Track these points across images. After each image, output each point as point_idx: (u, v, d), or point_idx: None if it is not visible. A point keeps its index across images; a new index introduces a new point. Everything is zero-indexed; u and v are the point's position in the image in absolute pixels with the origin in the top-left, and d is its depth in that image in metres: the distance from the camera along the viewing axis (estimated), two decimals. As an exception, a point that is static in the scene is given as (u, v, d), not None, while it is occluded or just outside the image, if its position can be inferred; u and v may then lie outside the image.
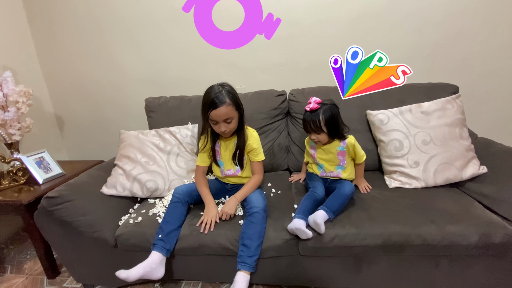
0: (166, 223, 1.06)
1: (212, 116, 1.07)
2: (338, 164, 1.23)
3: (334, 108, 1.16)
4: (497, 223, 0.97)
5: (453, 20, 1.51)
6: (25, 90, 1.49)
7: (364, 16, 1.55)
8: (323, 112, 1.14)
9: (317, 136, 1.17)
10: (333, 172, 1.23)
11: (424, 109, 1.27)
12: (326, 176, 1.25)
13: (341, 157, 1.22)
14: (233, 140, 1.20)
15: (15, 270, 1.45)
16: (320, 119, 1.13)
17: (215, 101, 1.05)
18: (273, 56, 1.68)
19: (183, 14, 1.64)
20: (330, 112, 1.14)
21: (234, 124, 1.12)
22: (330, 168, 1.24)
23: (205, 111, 1.08)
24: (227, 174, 1.24)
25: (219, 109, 1.05)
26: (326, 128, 1.14)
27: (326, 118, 1.13)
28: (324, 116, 1.13)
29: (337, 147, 1.21)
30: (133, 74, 1.82)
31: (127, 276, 0.94)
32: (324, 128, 1.14)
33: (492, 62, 1.56)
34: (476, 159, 1.22)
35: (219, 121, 1.08)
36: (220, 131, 1.11)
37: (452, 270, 1.01)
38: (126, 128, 1.47)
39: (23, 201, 1.23)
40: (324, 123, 1.13)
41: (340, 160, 1.22)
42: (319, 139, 1.18)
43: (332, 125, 1.15)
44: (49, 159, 1.50)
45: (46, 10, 1.75)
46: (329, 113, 1.14)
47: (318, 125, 1.14)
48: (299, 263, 1.08)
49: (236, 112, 1.11)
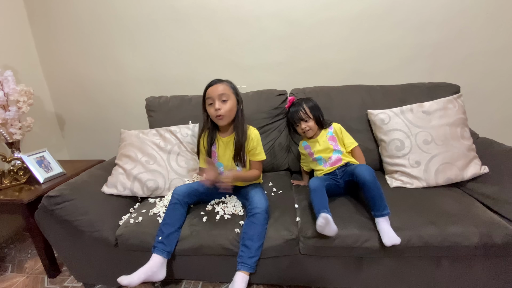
0: (166, 225, 1.06)
1: (209, 93, 1.10)
2: (333, 150, 1.26)
3: (311, 99, 1.32)
4: (499, 224, 0.96)
5: (454, 20, 1.51)
6: (26, 89, 1.49)
7: (365, 16, 1.55)
8: (305, 101, 1.30)
9: (307, 124, 1.27)
10: (332, 158, 1.24)
11: (426, 109, 1.26)
12: (330, 166, 1.24)
13: (333, 142, 1.27)
14: (232, 139, 1.19)
15: (16, 269, 1.45)
16: (304, 107, 1.28)
17: (213, 80, 1.13)
18: (274, 56, 1.68)
19: (183, 14, 1.64)
20: (310, 101, 1.30)
21: (229, 106, 1.11)
22: (328, 155, 1.26)
23: (204, 96, 1.11)
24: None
25: (216, 85, 1.10)
26: (312, 113, 1.27)
27: (310, 106, 1.28)
28: (306, 104, 1.29)
29: (326, 133, 1.30)
30: (133, 73, 1.82)
31: (129, 282, 0.94)
32: (310, 114, 1.27)
33: (493, 62, 1.56)
34: (477, 159, 1.21)
35: (215, 98, 1.09)
36: (215, 110, 1.10)
37: (453, 270, 1.00)
38: (127, 128, 1.47)
39: (24, 200, 1.23)
40: (309, 110, 1.27)
41: (333, 145, 1.26)
42: (310, 126, 1.27)
43: (316, 111, 1.29)
44: (49, 158, 1.50)
45: (47, 9, 1.75)
46: (310, 102, 1.30)
47: (304, 111, 1.27)
48: (299, 263, 1.08)
49: (233, 95, 1.13)
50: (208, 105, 1.12)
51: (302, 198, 1.22)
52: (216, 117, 1.12)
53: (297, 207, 1.17)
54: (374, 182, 1.01)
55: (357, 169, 1.07)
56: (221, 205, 1.18)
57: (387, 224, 0.96)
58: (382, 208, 0.98)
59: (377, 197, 0.99)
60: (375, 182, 1.01)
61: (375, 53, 1.61)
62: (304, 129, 1.27)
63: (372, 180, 1.01)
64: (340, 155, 1.25)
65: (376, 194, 1.00)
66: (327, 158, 1.25)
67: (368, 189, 1.01)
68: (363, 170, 1.05)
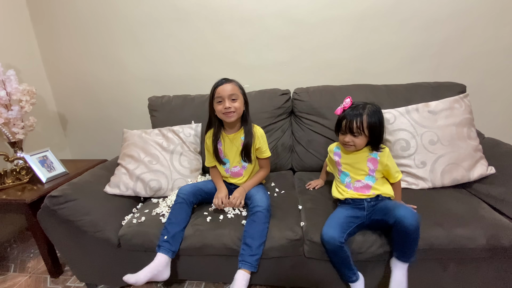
0: (172, 224, 1.05)
1: (219, 91, 1.10)
2: (367, 174, 1.03)
3: (380, 112, 1.01)
4: (506, 225, 0.95)
5: (459, 19, 1.49)
6: (28, 89, 1.49)
7: (369, 15, 1.53)
8: (369, 112, 0.98)
9: (353, 139, 1.00)
10: (361, 182, 1.03)
11: (431, 109, 1.24)
12: (353, 191, 1.03)
13: (372, 165, 1.02)
14: (239, 136, 1.20)
15: (19, 268, 1.45)
16: (363, 119, 0.98)
17: (222, 80, 1.13)
18: (277, 55, 1.66)
19: (186, 13, 1.64)
20: (377, 116, 0.99)
21: (239, 105, 1.12)
22: (357, 176, 1.04)
23: (212, 95, 1.12)
24: (233, 171, 1.23)
25: (225, 85, 1.11)
26: (368, 131, 0.98)
27: (370, 122, 0.97)
28: (369, 117, 0.98)
29: (368, 152, 1.04)
30: (136, 73, 1.82)
31: (136, 280, 0.94)
32: (366, 130, 0.98)
33: (499, 61, 1.54)
34: (484, 160, 1.20)
35: (225, 97, 1.10)
36: (225, 108, 1.10)
37: (459, 273, 0.99)
38: (129, 127, 1.46)
39: (26, 200, 1.22)
40: (367, 125, 0.97)
41: (370, 169, 1.02)
42: (355, 143, 1.00)
43: (375, 130, 0.99)
44: (52, 158, 1.50)
45: (49, 8, 1.75)
46: (375, 116, 0.98)
47: (359, 125, 0.98)
48: (303, 264, 1.06)
49: (241, 96, 1.14)
50: (217, 103, 1.12)
51: (306, 198, 1.21)
52: (224, 114, 1.12)
53: (301, 208, 1.16)
54: (416, 232, 0.84)
55: (399, 212, 0.85)
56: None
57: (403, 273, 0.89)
58: (410, 254, 0.88)
59: (412, 245, 0.87)
60: (417, 232, 0.85)
61: (379, 52, 1.59)
62: (347, 142, 1.02)
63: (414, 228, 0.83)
64: (372, 183, 1.02)
65: (413, 244, 0.86)
66: (354, 180, 1.04)
67: (406, 237, 0.85)
68: (408, 217, 0.83)
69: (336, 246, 0.90)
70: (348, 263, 0.93)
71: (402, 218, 0.83)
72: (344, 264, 0.94)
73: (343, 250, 0.91)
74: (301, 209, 1.16)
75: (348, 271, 0.95)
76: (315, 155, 1.47)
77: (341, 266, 0.95)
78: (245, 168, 1.22)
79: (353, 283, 0.95)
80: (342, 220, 0.96)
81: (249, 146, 1.17)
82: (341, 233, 0.91)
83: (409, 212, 0.85)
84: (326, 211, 1.09)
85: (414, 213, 0.86)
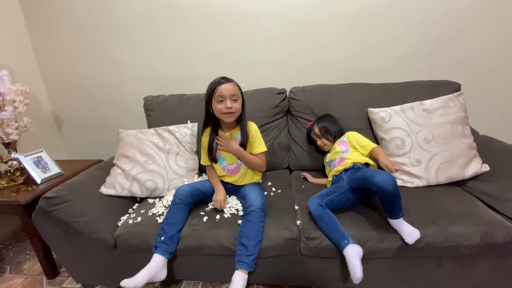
0: (169, 225, 1.04)
1: (221, 90, 1.09)
2: (342, 152, 1.25)
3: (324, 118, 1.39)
4: (500, 223, 0.96)
5: (454, 17, 1.50)
6: (22, 89, 1.47)
7: (364, 13, 1.53)
8: (317, 122, 1.39)
9: (321, 140, 1.35)
10: (339, 157, 1.23)
11: (426, 107, 1.25)
12: (336, 167, 1.19)
13: (343, 146, 1.27)
14: (235, 133, 1.21)
15: (14, 270, 1.44)
16: (314, 128, 1.38)
17: (222, 79, 1.12)
18: (273, 54, 1.66)
19: (181, 11, 1.63)
20: (323, 121, 1.37)
21: (238, 106, 1.14)
22: (336, 156, 1.26)
23: (211, 93, 1.11)
24: (230, 169, 1.23)
25: (227, 84, 1.10)
26: (321, 133, 1.35)
27: (320, 127, 1.36)
28: (317, 124, 1.37)
29: (338, 141, 1.31)
30: (131, 72, 1.80)
31: (134, 284, 0.92)
32: (319, 133, 1.35)
33: (493, 60, 1.55)
34: (478, 158, 1.21)
35: (226, 96, 1.10)
36: (226, 108, 1.10)
37: (454, 270, 1.00)
38: (125, 127, 1.45)
39: (21, 201, 1.21)
40: (319, 130, 1.35)
41: (343, 148, 1.26)
42: (323, 142, 1.35)
43: (326, 131, 1.34)
44: (47, 159, 1.49)
45: (43, 7, 1.73)
46: (322, 121, 1.37)
47: (314, 132, 1.37)
48: (300, 263, 1.07)
49: (240, 96, 1.15)
50: (218, 102, 1.12)
51: (302, 197, 1.21)
52: (225, 114, 1.12)
53: (297, 208, 1.16)
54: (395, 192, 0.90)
55: (377, 178, 0.92)
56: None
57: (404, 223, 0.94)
58: (398, 211, 0.94)
59: (397, 203, 0.92)
60: (396, 192, 0.91)
61: (375, 51, 1.60)
62: (320, 145, 1.36)
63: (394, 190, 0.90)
64: (345, 155, 1.22)
65: (397, 202, 0.92)
66: (334, 160, 1.25)
67: (390, 199, 0.91)
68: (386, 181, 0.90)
69: (318, 209, 1.02)
70: (335, 226, 0.97)
71: (381, 184, 0.91)
72: (331, 227, 0.98)
73: (326, 213, 1.00)
74: (298, 208, 1.16)
75: (337, 234, 0.96)
76: (312, 154, 1.47)
77: (330, 231, 0.98)
78: (241, 166, 1.23)
79: (345, 247, 0.93)
80: (323, 192, 1.10)
81: (246, 143, 1.18)
82: (321, 199, 1.05)
83: (386, 177, 0.91)
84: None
85: (390, 177, 0.92)
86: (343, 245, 0.94)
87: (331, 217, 1.00)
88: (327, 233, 0.99)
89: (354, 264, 0.90)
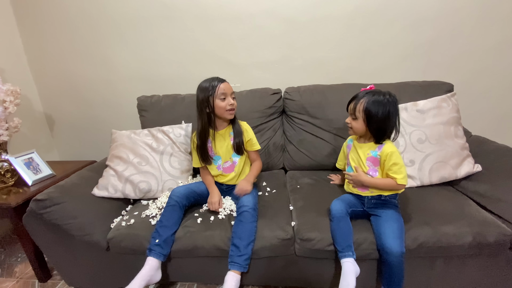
0: (163, 228, 1.03)
1: (223, 88, 1.12)
2: (366, 173, 1.03)
3: (388, 104, 0.94)
4: (491, 222, 0.97)
5: (448, 18, 1.51)
6: (12, 89, 1.43)
7: (359, 13, 1.53)
8: (372, 99, 0.95)
9: (351, 121, 1.02)
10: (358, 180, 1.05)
11: (420, 108, 1.26)
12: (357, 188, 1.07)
13: (371, 164, 1.02)
14: (228, 131, 1.22)
15: (6, 273, 1.42)
16: (361, 102, 0.96)
17: (219, 78, 1.15)
18: (268, 54, 1.66)
19: (175, 10, 1.61)
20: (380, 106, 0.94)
21: (236, 103, 1.17)
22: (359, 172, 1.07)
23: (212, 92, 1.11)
24: (225, 167, 1.22)
25: (226, 83, 1.14)
26: (365, 116, 0.96)
27: (368, 107, 0.94)
28: (368, 103, 0.95)
29: (370, 150, 1.02)
30: (124, 71, 1.78)
31: None
32: (361, 113, 0.96)
33: (486, 60, 1.57)
34: (470, 158, 1.22)
35: (228, 94, 1.13)
36: (230, 105, 1.13)
37: (446, 269, 1.01)
38: (118, 128, 1.43)
39: (11, 203, 1.19)
40: (363, 109, 0.96)
41: (370, 168, 1.02)
42: (352, 125, 1.02)
43: (373, 119, 0.95)
44: (38, 160, 1.46)
45: (34, 5, 1.69)
46: (378, 106, 0.94)
47: (355, 106, 0.98)
48: (294, 264, 1.07)
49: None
50: (221, 99, 1.13)
51: (297, 198, 1.21)
52: (228, 111, 1.14)
53: (292, 208, 1.16)
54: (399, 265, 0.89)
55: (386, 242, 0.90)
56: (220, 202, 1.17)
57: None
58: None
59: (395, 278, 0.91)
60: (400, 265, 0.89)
61: (369, 51, 1.60)
62: (348, 124, 1.04)
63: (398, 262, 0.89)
64: None
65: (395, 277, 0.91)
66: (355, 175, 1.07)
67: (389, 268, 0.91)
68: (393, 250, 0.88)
69: (341, 213, 0.99)
70: (348, 235, 0.96)
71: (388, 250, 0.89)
72: (344, 235, 0.96)
73: (347, 221, 0.98)
74: (292, 208, 1.16)
75: (345, 243, 0.94)
76: (307, 154, 1.47)
77: (340, 237, 0.95)
78: (236, 164, 1.22)
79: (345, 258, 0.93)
80: (348, 199, 1.06)
81: (240, 139, 1.20)
82: (348, 207, 1.02)
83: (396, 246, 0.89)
84: (317, 210, 1.10)
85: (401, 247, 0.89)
86: (346, 255, 0.93)
87: (348, 226, 0.98)
88: (336, 237, 0.97)
89: (349, 281, 0.88)
